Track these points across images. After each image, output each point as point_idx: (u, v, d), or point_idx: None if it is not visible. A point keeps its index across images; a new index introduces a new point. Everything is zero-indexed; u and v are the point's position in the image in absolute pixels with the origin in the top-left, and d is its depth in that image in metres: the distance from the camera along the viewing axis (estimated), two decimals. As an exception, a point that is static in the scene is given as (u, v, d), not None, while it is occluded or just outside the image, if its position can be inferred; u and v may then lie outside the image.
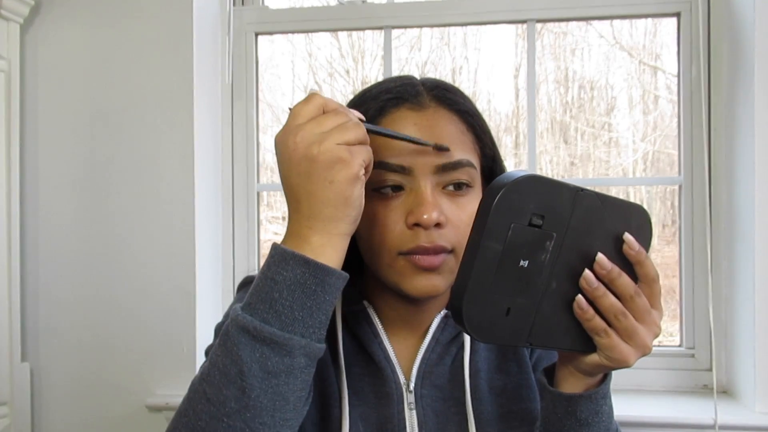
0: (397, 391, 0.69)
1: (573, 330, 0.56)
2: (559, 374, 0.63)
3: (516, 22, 1.59)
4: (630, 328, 0.55)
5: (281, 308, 0.54)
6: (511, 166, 2.11)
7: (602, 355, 0.57)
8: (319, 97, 0.57)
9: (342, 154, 0.54)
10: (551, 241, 0.53)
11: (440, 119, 0.65)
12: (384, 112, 0.65)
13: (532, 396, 0.73)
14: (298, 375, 0.55)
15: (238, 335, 0.53)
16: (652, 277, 0.57)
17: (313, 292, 0.54)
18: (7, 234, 1.44)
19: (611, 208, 0.56)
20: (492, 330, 0.52)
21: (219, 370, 0.54)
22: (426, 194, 0.62)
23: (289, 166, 0.55)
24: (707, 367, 1.47)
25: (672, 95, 1.65)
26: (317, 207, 0.55)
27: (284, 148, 0.55)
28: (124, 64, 1.49)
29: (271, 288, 0.54)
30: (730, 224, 1.42)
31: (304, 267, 0.54)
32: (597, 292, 0.54)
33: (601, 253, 0.55)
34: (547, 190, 0.52)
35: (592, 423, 0.60)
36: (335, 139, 0.54)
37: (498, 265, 0.51)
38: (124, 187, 1.48)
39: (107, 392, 1.49)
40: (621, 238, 0.56)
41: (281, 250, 0.55)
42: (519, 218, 0.51)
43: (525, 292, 0.53)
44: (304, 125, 0.55)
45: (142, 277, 1.48)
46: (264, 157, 1.72)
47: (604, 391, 0.61)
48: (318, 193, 0.54)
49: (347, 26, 1.64)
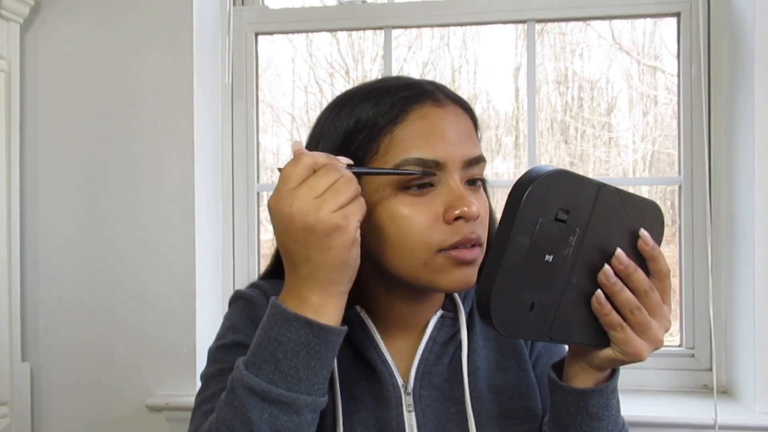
0: (395, 394, 0.68)
1: (589, 324, 0.57)
2: (569, 369, 0.63)
3: (516, 22, 1.59)
4: (644, 323, 0.56)
5: (287, 369, 0.55)
6: (511, 166, 2.11)
7: (616, 349, 0.58)
8: (307, 157, 0.56)
9: (339, 222, 0.54)
10: (574, 236, 0.53)
11: (459, 116, 0.66)
12: (407, 108, 0.64)
13: (532, 393, 0.73)
14: (306, 430, 0.56)
15: (245, 396, 0.55)
16: (664, 272, 0.58)
17: (317, 352, 0.56)
18: (7, 234, 1.44)
19: (629, 204, 0.56)
20: (517, 325, 0.53)
21: (228, 429, 0.55)
22: (461, 188, 0.63)
23: (285, 233, 0.55)
24: (707, 367, 1.47)
25: (672, 95, 1.65)
26: (315, 271, 0.56)
27: (280, 216, 0.55)
28: (124, 64, 1.48)
29: (275, 349, 0.55)
30: (730, 224, 1.42)
31: (307, 329, 0.55)
32: (615, 287, 0.55)
33: (618, 248, 0.55)
34: (573, 185, 0.53)
35: (603, 417, 0.62)
36: (330, 206, 0.54)
37: (525, 260, 0.51)
38: (124, 187, 1.48)
39: (107, 392, 1.49)
40: (636, 234, 0.57)
41: (282, 311, 0.56)
42: (547, 213, 0.51)
43: (548, 286, 0.53)
44: (296, 191, 0.55)
45: (142, 277, 1.47)
46: (264, 157, 1.72)
47: (613, 386, 0.63)
48: (316, 259, 0.55)
49: (347, 26, 1.64)
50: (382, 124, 0.63)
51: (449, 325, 0.72)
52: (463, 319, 0.72)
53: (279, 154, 1.96)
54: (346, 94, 0.69)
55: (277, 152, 1.94)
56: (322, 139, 0.67)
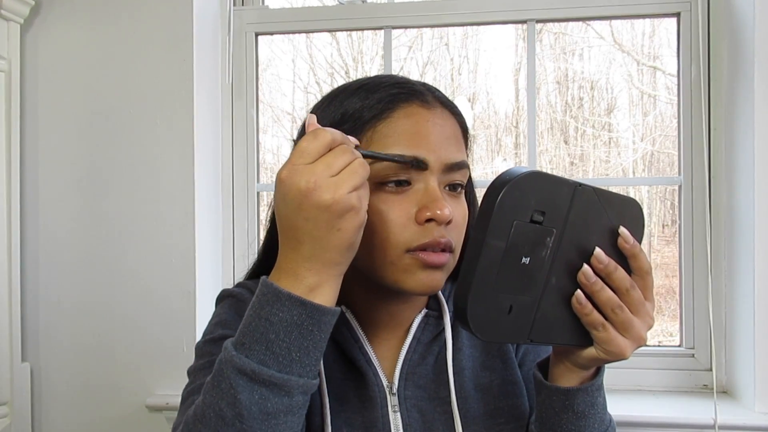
0: (380, 394, 0.68)
1: (571, 324, 0.57)
2: (554, 369, 0.63)
3: (516, 22, 1.59)
4: (626, 321, 0.56)
5: (278, 350, 0.53)
6: (511, 165, 2.11)
7: (599, 348, 0.57)
8: (326, 133, 0.55)
9: (354, 203, 0.53)
10: (551, 237, 0.53)
11: (446, 119, 0.66)
12: (395, 105, 0.63)
13: (518, 392, 0.73)
14: (296, 412, 0.55)
15: (234, 377, 0.53)
16: (645, 269, 0.58)
17: (310, 332, 0.54)
18: (7, 233, 1.44)
19: (607, 203, 0.56)
20: (495, 329, 0.53)
21: (215, 413, 0.53)
22: (437, 190, 0.62)
23: (296, 209, 0.53)
24: (707, 367, 1.47)
25: (672, 95, 1.65)
26: (320, 251, 0.54)
27: (294, 190, 0.53)
28: (124, 64, 1.49)
29: (266, 329, 0.53)
30: (730, 224, 1.42)
31: (300, 308, 0.53)
32: (595, 287, 0.55)
33: (598, 247, 0.55)
34: (548, 186, 0.52)
35: (589, 415, 0.62)
36: (347, 186, 0.53)
37: (501, 263, 0.51)
38: (124, 187, 1.48)
39: (107, 392, 1.49)
40: (616, 232, 0.57)
41: (275, 290, 0.54)
42: (521, 215, 0.51)
43: (527, 289, 0.53)
44: (314, 166, 0.53)
45: (142, 277, 1.48)
46: (264, 157, 1.72)
47: (598, 384, 0.62)
48: (324, 239, 0.53)
49: (347, 26, 1.64)
50: (367, 117, 0.63)
51: (433, 324, 0.72)
52: (447, 319, 0.72)
53: (279, 154, 1.96)
54: (340, 87, 0.69)
55: (277, 152, 1.95)
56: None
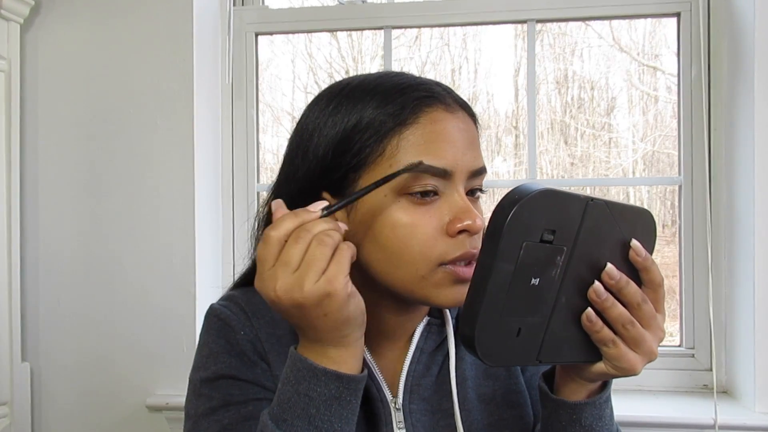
0: (384, 410, 0.66)
1: (580, 342, 0.55)
2: (560, 381, 0.62)
3: (516, 22, 1.59)
4: (638, 336, 0.54)
5: (320, 423, 0.55)
6: (511, 166, 2.11)
7: (609, 364, 0.56)
8: (273, 232, 0.54)
9: (325, 289, 0.52)
10: (561, 256, 0.51)
11: (467, 124, 0.63)
12: (419, 110, 0.60)
13: (522, 401, 0.72)
14: None
15: None
16: (657, 282, 0.56)
17: (348, 402, 0.56)
18: (7, 233, 1.44)
19: (619, 216, 0.54)
20: (503, 353, 0.51)
21: None
22: (466, 200, 0.60)
23: (278, 310, 0.55)
24: (707, 367, 1.47)
25: (672, 95, 1.65)
26: (321, 334, 0.55)
27: (268, 299, 0.54)
28: (124, 64, 1.48)
29: (306, 404, 0.55)
30: (730, 224, 1.42)
31: (338, 382, 0.55)
32: (606, 303, 0.53)
33: (609, 261, 0.53)
34: (559, 203, 0.50)
35: (596, 428, 0.60)
36: (312, 277, 0.52)
37: (510, 286, 0.48)
38: (124, 187, 1.48)
39: (107, 392, 1.49)
40: (627, 244, 0.55)
41: (310, 366, 0.55)
42: (531, 236, 0.48)
43: (536, 310, 0.51)
44: (274, 271, 0.53)
45: (142, 277, 1.48)
46: (264, 157, 1.72)
47: (606, 396, 0.61)
48: (317, 325, 0.54)
49: (347, 26, 1.64)
50: (391, 125, 0.60)
51: (436, 332, 0.70)
52: (450, 327, 0.70)
53: (279, 154, 1.96)
54: (346, 87, 0.64)
55: (277, 152, 1.94)
56: (317, 132, 0.63)
